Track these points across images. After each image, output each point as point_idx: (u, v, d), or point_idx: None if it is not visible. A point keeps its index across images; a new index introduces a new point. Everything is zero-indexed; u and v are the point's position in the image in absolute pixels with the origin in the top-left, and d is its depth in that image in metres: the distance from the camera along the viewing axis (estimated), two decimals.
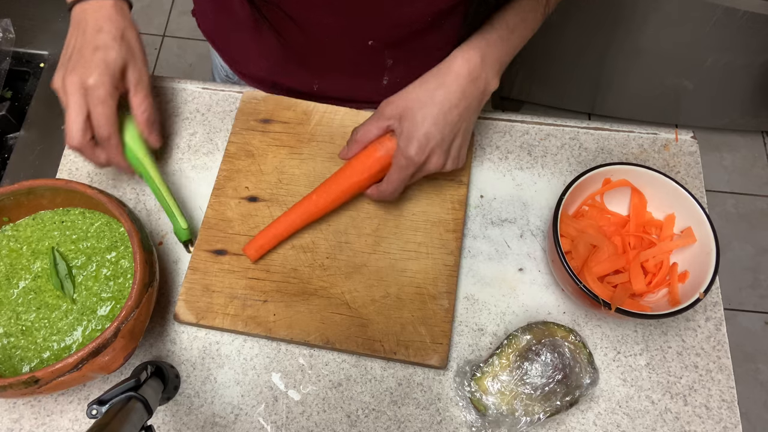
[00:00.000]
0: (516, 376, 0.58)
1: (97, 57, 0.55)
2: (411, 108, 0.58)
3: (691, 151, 0.76)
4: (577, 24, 1.47)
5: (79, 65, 0.55)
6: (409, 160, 0.57)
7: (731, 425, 0.62)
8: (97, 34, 0.56)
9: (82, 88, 0.55)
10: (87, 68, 0.55)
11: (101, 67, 0.55)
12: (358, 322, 0.62)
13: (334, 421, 0.60)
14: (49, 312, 0.59)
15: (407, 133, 0.57)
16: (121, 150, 0.60)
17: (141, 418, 0.48)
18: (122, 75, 0.58)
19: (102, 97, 0.56)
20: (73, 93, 0.55)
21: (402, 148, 0.58)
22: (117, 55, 0.56)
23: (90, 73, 0.55)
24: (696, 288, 0.59)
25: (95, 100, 0.56)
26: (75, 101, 0.55)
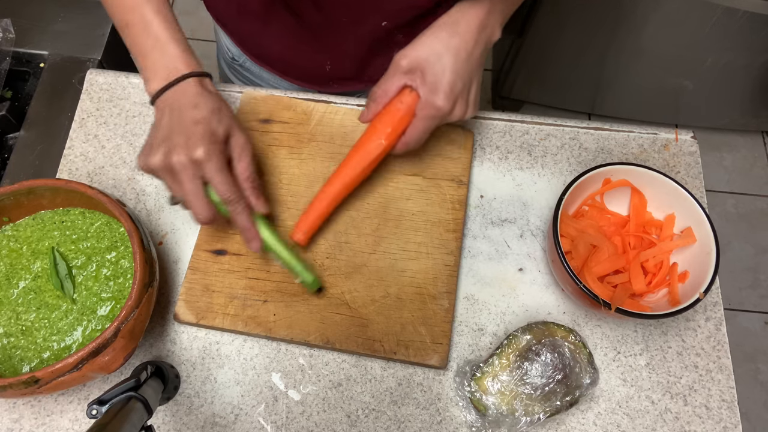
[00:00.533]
0: (516, 376, 0.58)
1: (200, 129, 0.53)
2: (428, 59, 0.58)
3: (691, 151, 0.75)
4: (577, 24, 1.47)
5: (179, 142, 0.53)
6: (438, 110, 0.58)
7: (731, 425, 0.62)
8: (193, 110, 0.54)
9: (192, 163, 0.53)
10: (192, 142, 0.52)
11: (207, 139, 0.53)
12: (358, 322, 0.62)
13: (334, 421, 0.60)
14: (49, 312, 0.59)
15: (431, 84, 0.58)
16: (249, 212, 0.57)
17: (141, 418, 0.48)
18: (226, 143, 0.56)
19: (217, 166, 0.53)
20: (185, 170, 0.53)
21: (428, 99, 0.58)
22: (218, 124, 0.54)
23: (197, 146, 0.52)
24: (696, 288, 0.59)
25: (212, 171, 0.53)
26: (189, 178, 0.53)
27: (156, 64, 0.56)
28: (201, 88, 0.55)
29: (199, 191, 0.54)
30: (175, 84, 0.55)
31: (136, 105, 0.76)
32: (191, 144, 0.52)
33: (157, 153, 0.53)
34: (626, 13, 1.39)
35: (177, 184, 0.54)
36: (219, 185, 0.54)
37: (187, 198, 0.54)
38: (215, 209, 0.55)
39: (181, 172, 0.53)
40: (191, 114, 0.54)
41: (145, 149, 0.55)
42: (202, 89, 0.55)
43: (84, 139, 0.73)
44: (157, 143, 0.54)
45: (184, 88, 0.55)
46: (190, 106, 0.54)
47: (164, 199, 0.70)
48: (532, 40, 1.53)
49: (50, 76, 0.82)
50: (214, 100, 0.56)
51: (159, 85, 0.55)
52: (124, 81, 0.77)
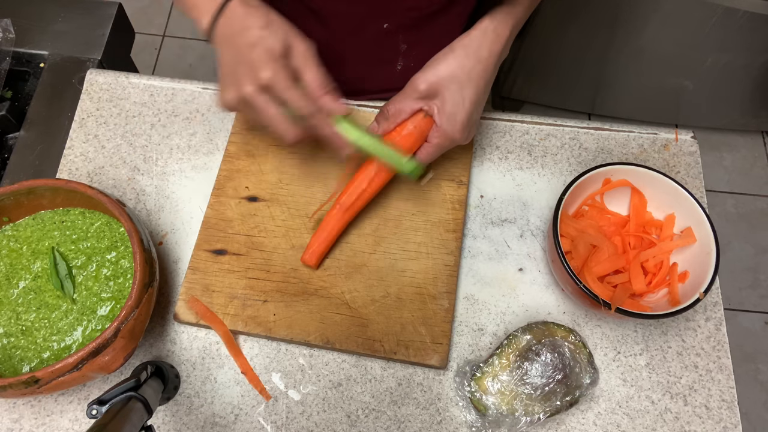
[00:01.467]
0: (516, 376, 0.58)
1: (257, 52, 0.52)
2: (450, 88, 0.57)
3: (691, 151, 0.75)
4: (577, 24, 1.47)
5: (244, 72, 0.53)
6: (453, 141, 0.59)
7: (731, 425, 0.62)
8: (245, 34, 0.53)
9: (261, 89, 0.53)
10: (254, 69, 0.52)
11: (267, 59, 0.52)
12: (358, 322, 0.62)
13: (334, 421, 0.60)
14: (49, 312, 0.59)
15: (449, 114, 0.57)
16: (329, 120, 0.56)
17: (141, 418, 0.48)
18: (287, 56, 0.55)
19: (286, 84, 0.53)
20: (257, 97, 0.53)
21: (445, 129, 0.58)
22: (274, 39, 0.53)
23: (260, 70, 0.52)
24: (696, 288, 0.59)
25: (282, 90, 0.53)
26: (264, 102, 0.53)
27: (198, 2, 0.55)
28: (245, 7, 0.54)
29: (277, 115, 0.54)
30: (221, 12, 0.54)
31: (136, 105, 0.76)
32: (254, 71, 0.52)
33: (228, 90, 0.54)
34: (626, 13, 1.39)
35: (256, 113, 0.55)
36: (293, 102, 0.54)
37: (270, 124, 0.54)
38: (299, 127, 0.55)
39: (254, 101, 0.53)
40: (245, 38, 0.53)
41: (221, 89, 0.55)
42: (247, 8, 0.54)
43: (84, 139, 0.73)
44: (225, 81, 0.55)
45: (230, 14, 0.54)
46: (241, 29, 0.54)
47: (164, 199, 0.70)
48: (532, 40, 1.53)
49: (50, 76, 0.82)
50: (262, 14, 0.54)
51: (208, 20, 0.55)
52: (124, 81, 0.77)
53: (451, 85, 0.57)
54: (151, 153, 0.73)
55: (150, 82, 0.77)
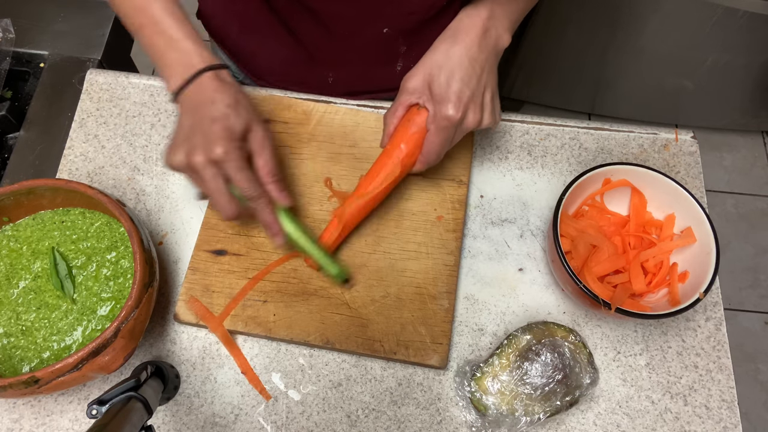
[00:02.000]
0: (516, 376, 0.58)
1: (217, 127, 0.53)
2: (432, 74, 0.58)
3: (691, 151, 0.75)
4: (577, 24, 1.47)
5: (199, 142, 0.53)
6: (448, 120, 0.57)
7: (731, 425, 0.62)
8: (210, 107, 0.54)
9: (211, 162, 0.53)
10: (211, 141, 0.53)
11: (225, 137, 0.53)
12: (358, 322, 0.62)
13: (334, 421, 0.60)
14: (49, 312, 0.59)
15: (437, 96, 0.57)
16: (272, 207, 0.58)
17: (141, 418, 0.48)
18: (244, 139, 0.56)
19: (237, 164, 0.54)
20: (205, 169, 0.53)
21: (437, 111, 0.57)
22: (236, 120, 0.54)
23: (215, 145, 0.53)
24: (696, 288, 0.59)
25: (231, 169, 0.54)
26: (210, 176, 0.54)
27: (172, 63, 0.56)
28: (218, 81, 0.55)
29: (221, 189, 0.54)
30: (192, 80, 0.55)
31: (136, 105, 0.76)
32: (210, 144, 0.53)
33: (179, 153, 0.54)
34: (626, 13, 1.39)
35: (200, 183, 0.55)
36: (239, 183, 0.54)
37: (212, 196, 0.55)
38: (239, 205, 0.56)
39: (202, 171, 0.54)
40: (208, 111, 0.54)
41: (170, 148, 0.55)
42: (220, 82, 0.55)
43: (84, 139, 0.73)
44: (179, 143, 0.55)
45: (201, 83, 0.55)
46: (208, 101, 0.54)
47: (164, 199, 0.70)
48: (532, 40, 1.53)
49: (50, 76, 0.82)
50: (231, 93, 0.55)
51: (177, 83, 0.55)
52: (124, 81, 0.77)
53: (432, 71, 0.58)
54: (151, 153, 0.73)
55: (150, 82, 0.77)
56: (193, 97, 0.55)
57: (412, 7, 0.65)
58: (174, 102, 0.56)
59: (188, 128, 0.55)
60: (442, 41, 0.59)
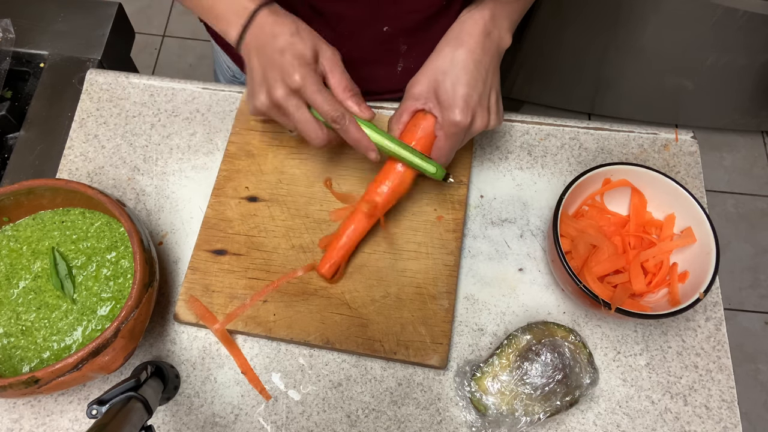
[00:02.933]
0: (516, 376, 0.58)
1: (287, 57, 0.54)
2: (438, 79, 0.58)
3: (691, 151, 0.76)
4: (577, 24, 1.47)
5: (274, 77, 0.54)
6: (457, 125, 0.57)
7: (731, 425, 0.62)
8: (274, 41, 0.54)
9: (291, 93, 0.54)
10: (285, 73, 0.54)
11: (296, 64, 0.54)
12: (358, 322, 0.62)
13: (334, 421, 0.60)
14: (49, 312, 0.59)
15: (445, 102, 0.57)
16: (357, 123, 0.57)
17: (141, 418, 0.48)
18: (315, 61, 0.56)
19: (315, 88, 0.54)
20: (288, 101, 0.54)
21: (445, 117, 0.57)
22: (303, 45, 0.55)
23: (290, 74, 0.53)
24: (696, 288, 0.59)
25: (311, 94, 0.54)
26: (294, 106, 0.55)
27: (226, 13, 0.56)
28: (274, 16, 0.55)
29: (307, 118, 0.55)
30: (249, 24, 0.55)
31: (136, 105, 0.76)
32: (285, 75, 0.54)
33: (260, 95, 0.55)
34: (626, 13, 1.39)
35: (286, 117, 0.56)
36: (321, 106, 0.55)
37: (300, 127, 0.56)
38: (327, 131, 0.56)
39: (285, 105, 0.54)
40: (274, 45, 0.54)
41: (249, 95, 0.56)
42: (275, 17, 0.55)
43: (84, 139, 0.73)
44: (256, 86, 0.55)
45: (259, 23, 0.55)
46: (271, 36, 0.55)
47: (164, 199, 0.70)
48: (532, 40, 1.53)
49: (50, 76, 0.82)
50: (290, 22, 0.55)
51: (237, 31, 0.56)
52: (124, 81, 0.77)
53: (437, 76, 0.58)
54: (151, 153, 0.73)
55: (150, 82, 0.77)
56: (255, 38, 0.55)
57: (413, 6, 0.65)
58: (238, 50, 0.57)
59: (260, 69, 0.55)
60: (445, 44, 0.59)
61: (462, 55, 0.57)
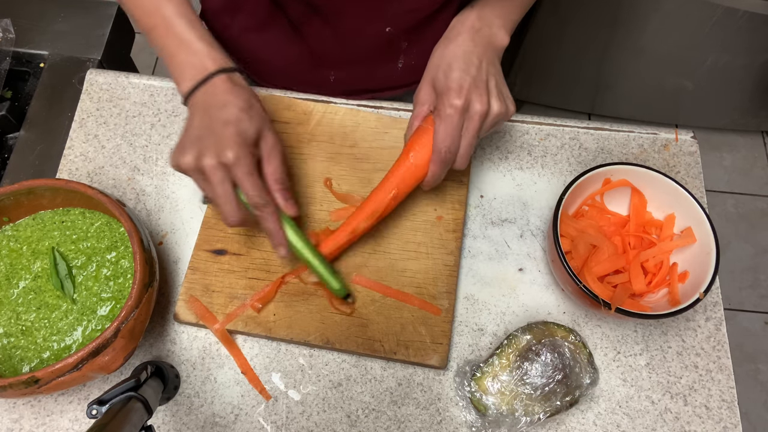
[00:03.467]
0: (516, 376, 0.58)
1: (229, 131, 0.52)
2: (433, 75, 0.59)
3: (691, 151, 0.75)
4: (577, 24, 1.47)
5: (209, 144, 0.52)
6: (451, 107, 0.55)
7: (731, 425, 0.62)
8: (222, 110, 0.53)
9: (221, 166, 0.52)
10: (222, 144, 0.52)
11: (237, 141, 0.52)
12: (358, 322, 0.62)
13: (334, 421, 0.60)
14: (49, 312, 0.59)
15: (439, 90, 0.57)
16: (278, 216, 0.57)
17: (141, 418, 0.48)
18: (255, 144, 0.55)
19: (247, 170, 0.53)
20: (214, 172, 0.52)
21: (440, 102, 0.57)
22: (249, 124, 0.53)
23: (226, 148, 0.52)
24: (696, 288, 0.59)
25: (241, 174, 0.53)
26: (219, 179, 0.53)
27: (184, 65, 0.55)
28: (230, 84, 0.55)
29: (229, 194, 0.54)
30: (204, 82, 0.54)
31: (136, 105, 0.76)
32: (221, 146, 0.52)
33: (188, 154, 0.53)
34: (626, 13, 1.39)
35: (207, 186, 0.54)
36: (247, 189, 0.54)
37: (218, 200, 0.54)
38: (245, 211, 0.55)
39: (211, 174, 0.53)
40: (221, 114, 0.53)
41: (178, 148, 0.54)
42: (232, 85, 0.55)
43: (84, 139, 0.73)
44: (188, 144, 0.54)
45: (213, 85, 0.54)
46: (220, 105, 0.53)
47: (164, 199, 0.70)
48: (532, 40, 1.53)
49: (50, 76, 0.82)
50: (244, 97, 0.55)
51: (189, 85, 0.55)
52: (124, 81, 0.77)
53: (431, 71, 0.59)
54: (151, 153, 0.73)
55: (150, 82, 0.77)
56: (204, 99, 0.54)
57: (414, 4, 0.65)
58: (185, 104, 0.56)
59: (198, 130, 0.54)
60: (436, 47, 0.60)
61: (452, 48, 0.58)
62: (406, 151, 0.60)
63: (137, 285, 0.54)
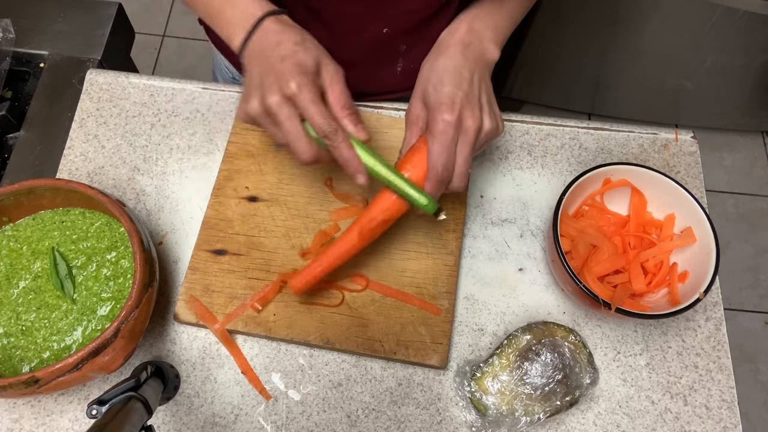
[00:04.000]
0: (516, 376, 0.58)
1: (288, 64, 0.52)
2: (424, 90, 0.57)
3: (691, 151, 0.76)
4: (577, 24, 1.47)
5: (271, 82, 0.52)
6: (444, 122, 0.53)
7: (731, 425, 0.62)
8: (277, 47, 0.53)
9: (286, 100, 0.52)
10: (282, 79, 0.51)
11: (296, 72, 0.51)
12: (358, 322, 0.62)
13: (334, 421, 0.60)
14: (49, 312, 0.59)
15: (430, 105, 0.56)
16: (350, 143, 0.54)
17: (141, 418, 0.48)
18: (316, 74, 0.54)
19: (311, 97, 0.52)
20: (281, 108, 0.52)
21: (431, 117, 0.55)
22: (306, 55, 0.53)
23: (287, 81, 0.51)
24: (696, 288, 0.59)
25: (305, 103, 0.52)
26: (286, 115, 0.52)
27: (232, 19, 0.55)
28: (280, 24, 0.54)
29: (298, 130, 0.52)
30: (254, 30, 0.54)
31: (136, 105, 0.76)
32: (282, 80, 0.51)
33: (253, 99, 0.53)
34: (626, 13, 1.39)
35: (276, 127, 0.53)
36: (313, 117, 0.52)
37: (288, 139, 0.53)
38: (317, 147, 0.54)
39: (277, 112, 0.52)
40: (276, 52, 0.53)
41: (243, 99, 0.54)
42: (282, 25, 0.54)
43: (84, 139, 0.73)
44: (252, 90, 0.53)
45: (264, 30, 0.54)
46: (275, 43, 0.53)
47: (164, 199, 0.70)
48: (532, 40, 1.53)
49: (50, 76, 0.82)
50: (296, 32, 0.54)
51: (241, 37, 0.54)
52: (124, 81, 0.77)
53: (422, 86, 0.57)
54: (151, 153, 0.73)
55: (150, 82, 0.77)
56: (258, 45, 0.54)
57: (412, 5, 0.65)
58: (241, 57, 0.55)
59: (258, 74, 0.53)
60: (426, 61, 0.59)
61: (442, 62, 0.57)
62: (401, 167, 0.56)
63: (137, 285, 0.54)
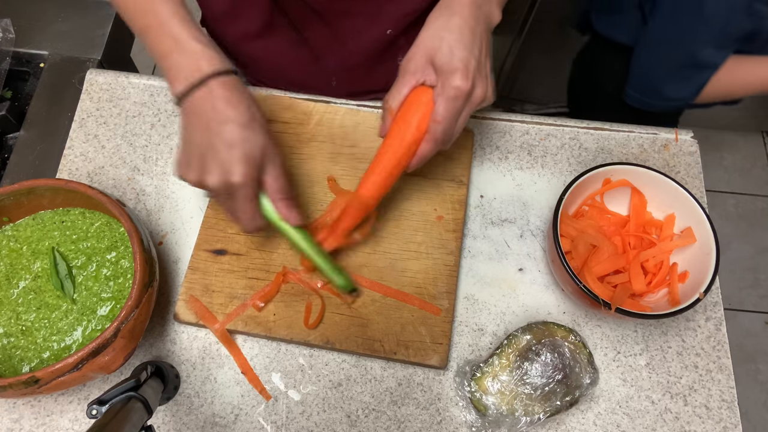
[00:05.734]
0: (516, 376, 0.58)
1: (235, 154, 0.51)
2: (433, 46, 0.54)
3: (691, 151, 0.75)
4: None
5: (215, 164, 0.52)
6: (457, 89, 0.52)
7: (731, 425, 0.62)
8: (224, 127, 0.51)
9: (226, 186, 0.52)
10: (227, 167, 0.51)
11: (242, 163, 0.52)
12: (358, 322, 0.62)
13: (334, 421, 0.60)
14: (49, 312, 0.59)
15: (443, 67, 0.53)
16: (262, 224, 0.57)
17: (141, 418, 0.48)
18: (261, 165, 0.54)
19: (249, 195, 0.53)
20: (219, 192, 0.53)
21: (444, 82, 0.53)
22: (253, 145, 0.52)
23: (232, 173, 0.51)
24: (696, 288, 0.59)
25: (242, 202, 0.54)
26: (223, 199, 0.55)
27: (178, 65, 0.52)
28: (228, 91, 0.52)
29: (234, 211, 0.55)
30: (199, 85, 0.52)
31: (136, 105, 0.76)
32: (226, 168, 0.52)
33: (192, 171, 0.53)
34: None
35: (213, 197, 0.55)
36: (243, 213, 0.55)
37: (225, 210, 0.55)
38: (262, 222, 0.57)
39: (216, 193, 0.54)
40: (224, 133, 0.51)
41: (182, 162, 0.54)
42: (230, 92, 0.52)
43: (84, 139, 0.73)
44: (191, 159, 0.53)
45: (209, 90, 0.52)
46: (221, 120, 0.52)
47: (164, 199, 0.70)
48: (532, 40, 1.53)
49: (50, 76, 0.82)
50: (245, 108, 0.53)
51: (183, 86, 0.52)
52: (124, 81, 0.77)
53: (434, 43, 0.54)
54: (151, 153, 0.73)
55: (150, 82, 0.77)
56: (202, 107, 0.52)
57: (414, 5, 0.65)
58: (178, 105, 0.54)
59: (200, 147, 0.52)
60: (438, 15, 0.55)
61: (457, 22, 0.54)
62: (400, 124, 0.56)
63: (137, 285, 0.54)
